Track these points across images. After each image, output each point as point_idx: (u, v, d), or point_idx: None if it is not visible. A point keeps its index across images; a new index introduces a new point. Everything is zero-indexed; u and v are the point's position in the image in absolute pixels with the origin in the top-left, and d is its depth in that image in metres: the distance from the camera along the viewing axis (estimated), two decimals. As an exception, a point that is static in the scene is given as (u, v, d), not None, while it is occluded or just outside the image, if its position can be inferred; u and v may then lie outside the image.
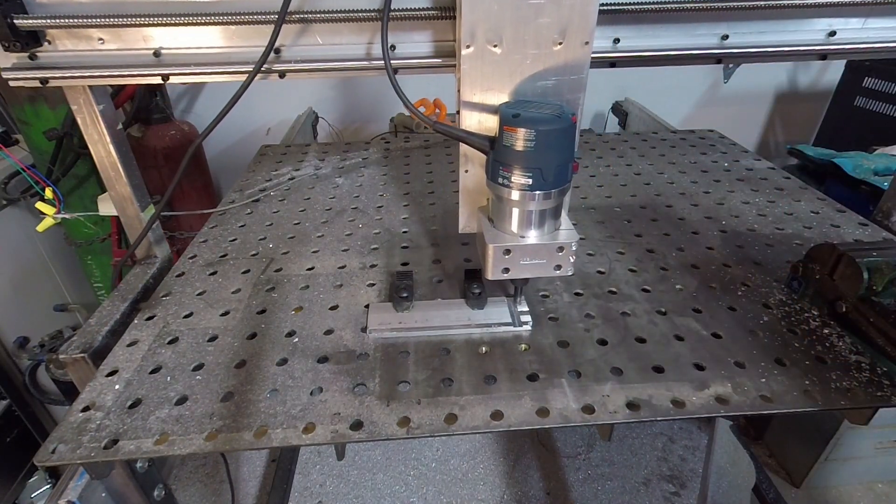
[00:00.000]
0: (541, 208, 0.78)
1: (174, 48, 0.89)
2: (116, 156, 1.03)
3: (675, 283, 1.03)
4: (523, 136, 0.70)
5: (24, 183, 2.03)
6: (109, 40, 0.87)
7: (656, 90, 2.78)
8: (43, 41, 0.86)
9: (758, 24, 0.91)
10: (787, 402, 0.75)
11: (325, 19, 0.84)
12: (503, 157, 0.74)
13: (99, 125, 0.99)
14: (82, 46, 0.87)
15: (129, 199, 1.09)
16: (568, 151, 0.75)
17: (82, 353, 0.88)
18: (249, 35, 0.88)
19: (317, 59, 0.90)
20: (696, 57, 0.92)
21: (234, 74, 0.89)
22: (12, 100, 1.89)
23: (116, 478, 0.76)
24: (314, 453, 2.09)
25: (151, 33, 0.87)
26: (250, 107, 2.70)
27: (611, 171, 1.55)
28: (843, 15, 0.91)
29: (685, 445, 2.06)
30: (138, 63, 0.89)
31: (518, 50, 0.76)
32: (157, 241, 1.19)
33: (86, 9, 0.83)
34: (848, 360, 0.82)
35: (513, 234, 0.81)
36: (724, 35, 0.91)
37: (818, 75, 2.90)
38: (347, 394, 0.78)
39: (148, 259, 1.17)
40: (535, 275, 0.84)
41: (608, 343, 0.88)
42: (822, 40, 0.93)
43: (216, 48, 0.89)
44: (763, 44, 0.92)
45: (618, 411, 0.74)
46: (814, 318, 0.92)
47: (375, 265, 1.12)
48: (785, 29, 0.91)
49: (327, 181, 1.54)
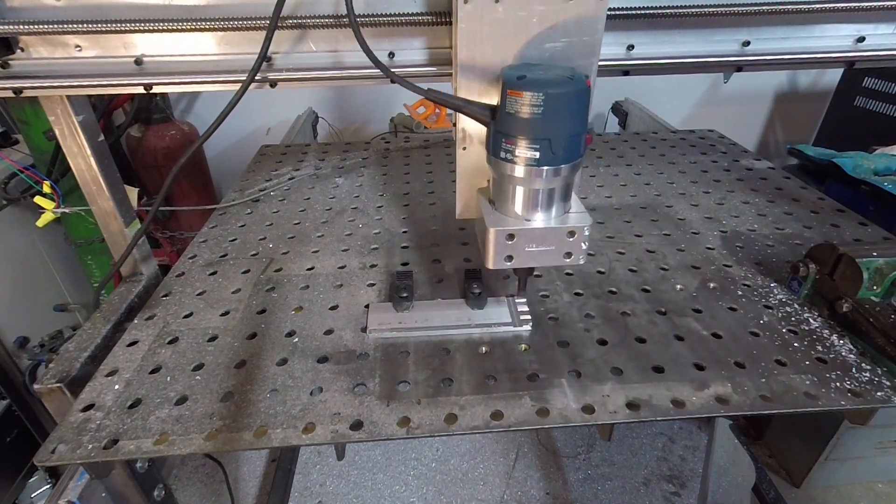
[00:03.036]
0: (549, 187, 0.69)
1: (157, 55, 0.83)
2: (97, 169, 0.97)
3: (675, 283, 1.03)
4: (530, 100, 0.61)
5: (24, 183, 2.03)
6: (88, 47, 0.82)
7: (656, 90, 2.78)
8: (16, 48, 0.81)
9: (781, 29, 0.85)
10: (787, 402, 0.75)
11: (318, 24, 0.79)
12: (506, 126, 0.65)
13: (78, 137, 0.92)
14: (59, 54, 0.82)
15: (113, 214, 1.02)
16: (581, 120, 0.65)
17: (58, 382, 0.81)
18: (239, 42, 0.82)
19: (310, 67, 0.85)
20: (716, 65, 0.87)
21: (222, 84, 0.84)
22: (12, 100, 1.89)
23: (116, 478, 0.76)
24: (314, 453, 2.09)
25: (133, 40, 0.81)
26: (250, 107, 2.69)
27: (611, 171, 1.55)
28: (872, 21, 0.85)
29: (685, 445, 2.06)
30: (119, 72, 0.83)
31: (523, 6, 0.67)
32: (144, 258, 1.11)
33: (62, 13, 0.78)
34: (848, 360, 0.82)
35: (517, 216, 0.72)
36: (746, 41, 0.86)
37: (818, 75, 2.90)
38: (347, 394, 0.78)
39: (133, 277, 1.10)
40: (542, 264, 0.75)
41: (608, 343, 0.88)
42: (849, 47, 0.87)
43: (203, 55, 0.83)
44: (786, 50, 0.86)
45: (618, 411, 0.74)
46: (814, 318, 0.92)
47: (375, 265, 1.12)
48: (810, 35, 0.86)
49: (327, 181, 1.54)
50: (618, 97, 2.68)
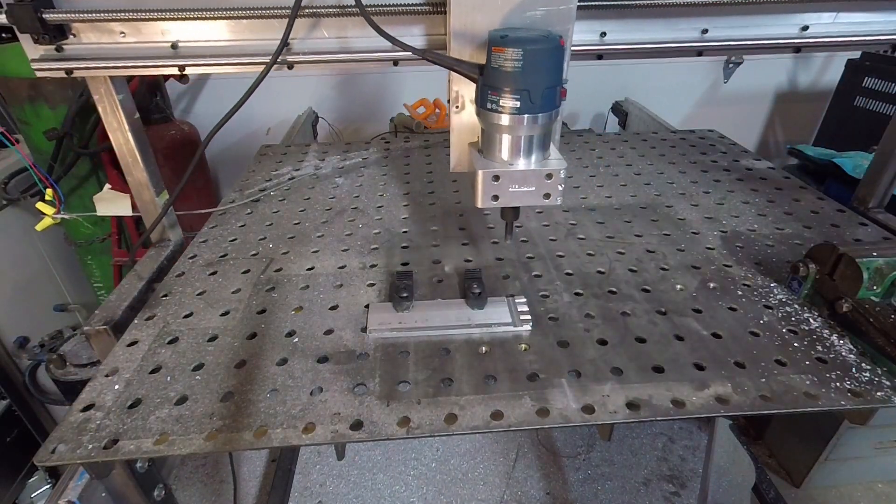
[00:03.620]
0: (529, 133, 0.79)
1: (190, 41, 0.95)
2: (134, 143, 1.10)
3: (675, 283, 1.03)
4: (511, 55, 0.72)
5: (23, 183, 2.03)
6: (130, 34, 0.94)
7: (656, 90, 2.78)
8: (69, 34, 0.92)
9: (735, 18, 0.97)
10: (787, 402, 0.75)
11: (330, 14, 0.91)
12: (491, 80, 0.76)
13: (118, 114, 1.06)
14: (105, 39, 0.94)
15: (146, 184, 1.16)
16: (555, 74, 0.76)
17: (105, 325, 0.94)
18: (260, 29, 0.94)
19: (323, 51, 0.96)
20: (678, 49, 0.99)
21: (246, 66, 0.96)
22: (12, 100, 1.90)
23: (116, 478, 0.76)
24: (314, 453, 2.09)
25: (169, 27, 0.93)
26: (250, 107, 2.68)
27: (611, 172, 1.55)
28: (815, 10, 0.97)
29: (685, 445, 2.06)
30: (156, 55, 0.95)
31: None
32: (171, 225, 1.26)
33: (109, 4, 0.89)
34: (848, 360, 0.82)
35: (502, 161, 0.83)
36: (704, 29, 0.98)
37: (818, 75, 2.90)
38: (347, 394, 0.78)
39: (162, 242, 1.24)
40: (524, 203, 0.85)
41: (608, 343, 0.88)
42: (795, 34, 0.99)
43: (229, 41, 0.95)
44: (740, 37, 0.98)
45: (618, 411, 0.74)
46: (814, 318, 0.92)
47: (375, 265, 1.12)
48: (761, 24, 0.98)
49: (327, 181, 1.54)
50: (618, 97, 2.68)
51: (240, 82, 1.10)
